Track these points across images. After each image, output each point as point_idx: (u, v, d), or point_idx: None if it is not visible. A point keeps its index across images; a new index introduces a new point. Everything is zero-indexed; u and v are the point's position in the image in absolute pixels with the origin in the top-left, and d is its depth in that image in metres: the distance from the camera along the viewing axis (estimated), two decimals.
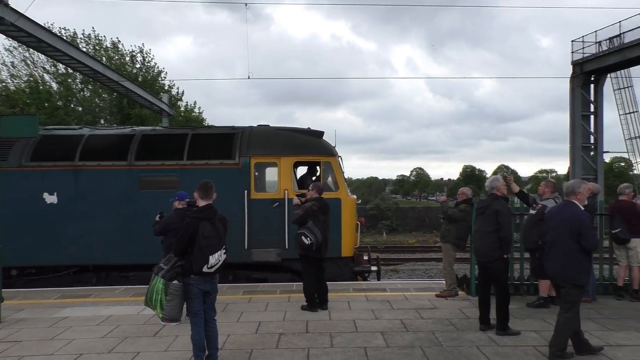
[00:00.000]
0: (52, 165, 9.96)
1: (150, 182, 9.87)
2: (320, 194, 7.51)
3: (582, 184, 5.55)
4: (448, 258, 8.17)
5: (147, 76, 32.25)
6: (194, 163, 9.98)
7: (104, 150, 10.18)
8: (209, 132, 10.70)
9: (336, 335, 6.14)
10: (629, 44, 23.34)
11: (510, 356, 5.41)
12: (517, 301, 7.75)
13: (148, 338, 6.15)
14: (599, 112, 26.61)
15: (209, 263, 4.75)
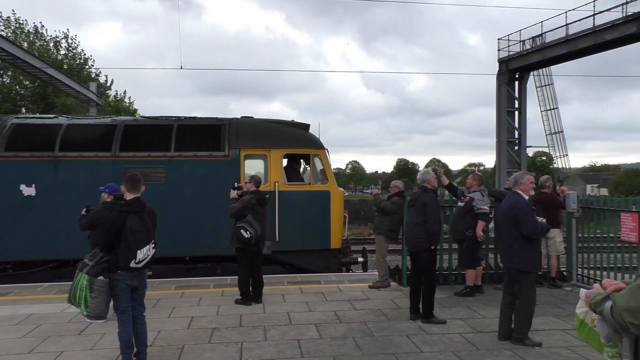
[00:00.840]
0: (29, 155, 9.37)
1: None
2: (257, 187, 7.45)
3: (525, 175, 5.79)
4: (381, 250, 8.35)
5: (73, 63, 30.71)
6: (181, 155, 9.71)
7: (86, 140, 9.69)
8: (195, 123, 10.37)
9: (270, 329, 6.13)
10: (549, 43, 24.67)
11: (438, 344, 5.61)
12: (445, 290, 8.05)
13: (72, 337, 5.88)
14: (522, 108, 27.99)
15: (137, 258, 4.60)
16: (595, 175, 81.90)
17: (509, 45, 27.18)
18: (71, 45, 31.66)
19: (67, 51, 31.45)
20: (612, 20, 20.91)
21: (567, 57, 24.53)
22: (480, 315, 6.70)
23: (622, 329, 1.93)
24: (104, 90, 32.70)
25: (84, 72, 30.61)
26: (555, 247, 8.35)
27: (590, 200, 8.71)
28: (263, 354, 5.28)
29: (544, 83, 30.22)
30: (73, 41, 31.83)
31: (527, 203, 5.67)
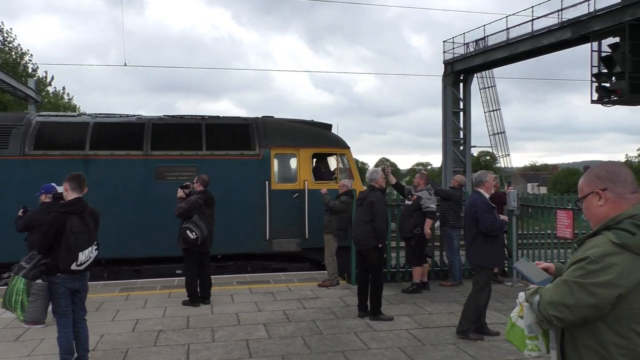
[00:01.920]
0: (59, 154, 9.07)
1: (167, 172, 9.37)
2: (205, 187, 7.34)
3: (488, 174, 5.95)
4: (330, 248, 8.41)
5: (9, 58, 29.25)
6: (213, 153, 9.60)
7: (116, 139, 9.42)
8: (223, 122, 10.23)
9: (218, 329, 6.07)
10: (491, 47, 25.49)
11: (385, 340, 5.71)
12: (393, 287, 8.20)
13: (8, 343, 5.61)
14: (467, 109, 28.80)
15: (79, 260, 4.44)
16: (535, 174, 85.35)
17: (454, 47, 27.92)
18: (7, 39, 30.16)
19: (2, 45, 29.94)
20: (549, 26, 21.84)
21: (508, 60, 25.41)
22: (426, 312, 6.87)
23: (548, 322, 2.02)
24: (43, 87, 31.32)
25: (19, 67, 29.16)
26: None
27: (529, 198, 9.09)
28: (210, 355, 5.22)
29: (486, 85, 31.31)
30: (9, 35, 30.34)
31: (486, 201, 5.77)
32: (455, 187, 8.69)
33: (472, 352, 5.32)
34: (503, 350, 5.36)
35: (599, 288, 1.82)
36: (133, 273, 9.56)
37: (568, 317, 1.89)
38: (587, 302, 1.84)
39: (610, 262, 1.82)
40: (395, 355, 5.22)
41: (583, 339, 1.92)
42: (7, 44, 30.08)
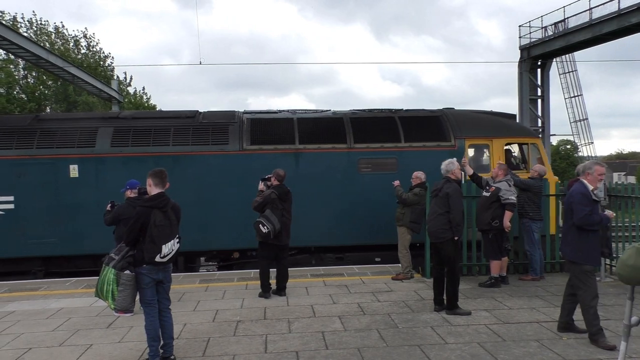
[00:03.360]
0: (273, 148, 9.85)
1: (368, 164, 9.90)
2: (280, 182, 7.43)
3: (595, 165, 5.45)
4: (403, 241, 8.30)
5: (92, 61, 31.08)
6: (411, 145, 10.03)
7: (321, 133, 10.12)
8: (415, 114, 10.71)
9: (294, 321, 6.16)
10: (572, 29, 24.13)
11: (463, 335, 5.56)
12: (469, 281, 7.99)
13: (101, 330, 5.99)
14: (545, 96, 27.49)
15: (162, 252, 4.65)
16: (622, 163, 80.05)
17: (530, 32, 26.68)
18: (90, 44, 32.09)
19: (87, 50, 31.89)
20: (638, 3, 20.34)
21: (591, 42, 23.98)
22: (506, 306, 6.63)
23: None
24: (124, 88, 33.10)
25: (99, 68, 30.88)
26: None
27: (617, 188, 8.52)
28: (287, 346, 5.31)
29: (567, 70, 29.68)
30: (92, 39, 32.26)
31: (585, 192, 5.29)
32: (534, 177, 8.30)
33: (558, 349, 5.07)
34: (592, 349, 5.06)
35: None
36: (336, 260, 10.12)
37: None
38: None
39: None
40: (475, 351, 5.07)
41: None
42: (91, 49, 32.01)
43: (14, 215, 9.21)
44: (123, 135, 9.73)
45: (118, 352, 5.26)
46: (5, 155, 9.34)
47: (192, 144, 9.75)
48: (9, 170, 9.27)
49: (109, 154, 9.52)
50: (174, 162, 9.49)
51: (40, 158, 9.35)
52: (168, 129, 9.88)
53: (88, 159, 9.45)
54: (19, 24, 28.29)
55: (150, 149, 9.63)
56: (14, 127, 9.70)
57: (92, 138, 9.63)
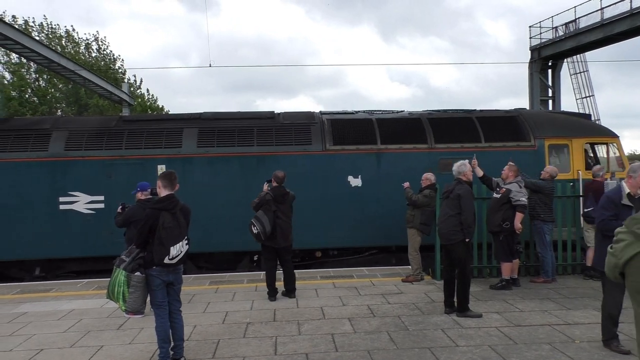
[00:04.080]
0: (355, 149, 9.92)
1: (449, 165, 9.71)
2: (279, 183, 7.39)
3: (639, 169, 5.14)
4: (413, 243, 8.27)
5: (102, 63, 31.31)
6: (491, 145, 10.07)
7: (401, 133, 10.23)
8: (491, 115, 10.80)
9: (304, 323, 6.15)
10: (583, 29, 23.91)
11: (474, 337, 5.52)
12: (480, 283, 7.93)
13: (112, 331, 6.02)
14: (556, 96, 27.27)
15: (170, 254, 4.65)
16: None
17: (541, 32, 26.50)
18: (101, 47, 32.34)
19: (97, 53, 32.14)
20: None
21: (602, 42, 23.73)
22: (517, 309, 6.57)
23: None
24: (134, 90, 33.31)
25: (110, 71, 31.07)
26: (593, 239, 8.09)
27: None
28: (297, 348, 5.30)
29: (578, 70, 29.43)
30: (103, 43, 32.51)
31: (612, 196, 5.10)
32: (546, 178, 8.23)
33: (570, 353, 5.01)
34: (605, 352, 5.00)
35: None
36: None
37: None
38: None
39: None
40: (486, 354, 5.03)
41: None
42: (101, 52, 32.26)
43: (104, 214, 9.38)
44: (208, 136, 9.90)
45: (129, 354, 5.28)
46: (96, 156, 9.54)
47: (275, 144, 9.88)
48: (100, 170, 9.45)
49: (195, 155, 9.69)
50: (258, 162, 9.74)
51: (129, 158, 9.56)
52: (251, 129, 10.03)
53: (175, 159, 9.61)
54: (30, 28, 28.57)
55: (235, 150, 9.78)
56: (103, 128, 9.88)
57: (178, 139, 9.81)
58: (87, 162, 9.48)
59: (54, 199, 9.38)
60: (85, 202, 9.47)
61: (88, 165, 9.50)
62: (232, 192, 9.57)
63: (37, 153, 9.48)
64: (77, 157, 9.51)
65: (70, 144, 9.61)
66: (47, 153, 9.50)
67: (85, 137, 9.71)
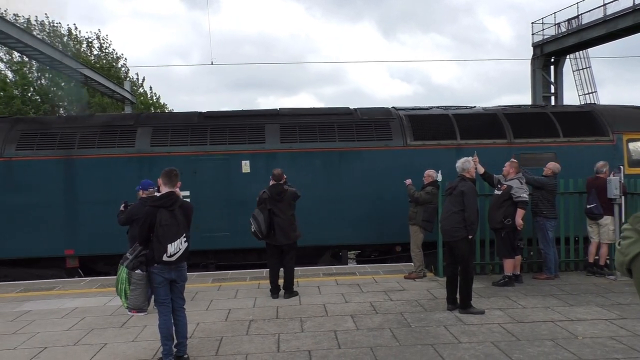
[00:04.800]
0: (436, 144, 9.98)
1: (529, 159, 9.92)
2: (276, 181, 7.35)
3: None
4: (416, 240, 8.27)
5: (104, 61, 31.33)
6: (570, 140, 10.09)
7: (479, 128, 10.28)
8: (566, 110, 10.88)
9: (306, 320, 6.16)
10: (586, 25, 23.83)
11: (477, 334, 5.52)
12: (482, 280, 7.93)
13: (115, 329, 6.04)
14: (559, 93, 27.20)
15: (168, 252, 4.65)
16: None
17: (543, 29, 26.42)
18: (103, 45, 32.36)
19: (99, 51, 32.17)
20: None
21: (605, 38, 23.67)
22: (520, 305, 6.57)
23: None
24: (136, 89, 33.36)
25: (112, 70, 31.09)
26: (608, 235, 8.07)
27: (634, 185, 8.38)
28: (300, 345, 5.31)
29: (581, 66, 29.33)
30: (104, 41, 32.52)
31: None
32: (548, 175, 8.22)
33: (573, 349, 5.01)
34: (608, 348, 5.00)
35: None
36: None
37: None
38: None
39: None
40: (489, 350, 5.03)
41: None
42: (103, 50, 32.28)
43: None
44: (290, 131, 9.98)
45: (132, 351, 5.30)
46: (181, 151, 9.62)
47: (357, 139, 9.93)
48: (185, 166, 9.44)
49: (279, 150, 9.77)
50: (340, 157, 9.80)
51: (213, 154, 9.66)
52: (332, 125, 10.09)
53: (259, 155, 9.73)
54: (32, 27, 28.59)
55: (317, 145, 9.85)
56: (187, 124, 9.97)
57: (261, 134, 9.89)
58: (173, 158, 9.54)
59: None
60: None
61: (173, 161, 9.48)
62: (314, 187, 9.64)
63: (125, 149, 9.58)
64: (162, 153, 9.61)
65: (155, 140, 9.72)
66: (134, 149, 9.60)
67: (170, 133, 9.82)
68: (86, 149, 9.52)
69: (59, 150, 9.47)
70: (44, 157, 9.42)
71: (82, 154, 9.48)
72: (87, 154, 9.49)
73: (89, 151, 9.50)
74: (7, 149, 9.43)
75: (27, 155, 9.41)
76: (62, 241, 9.40)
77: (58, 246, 9.40)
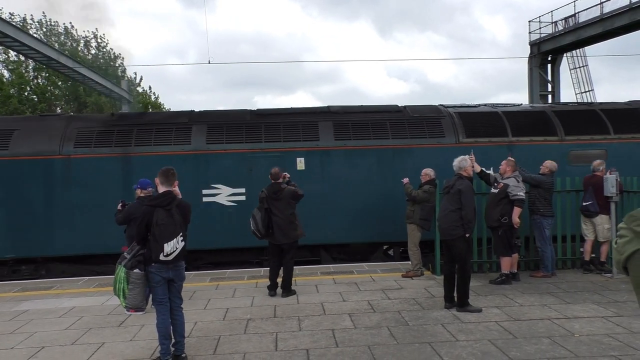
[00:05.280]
0: (487, 141, 10.04)
1: (580, 157, 9.95)
2: (274, 180, 7.35)
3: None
4: (413, 239, 8.29)
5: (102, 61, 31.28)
6: (620, 137, 10.14)
7: (531, 126, 10.33)
8: (611, 107, 10.86)
9: (304, 319, 6.17)
10: (583, 23, 23.89)
11: (474, 332, 5.54)
12: (480, 278, 7.95)
13: (113, 328, 6.04)
14: (556, 91, 27.25)
15: (165, 251, 4.64)
16: None
17: (540, 27, 26.46)
18: (100, 44, 32.29)
19: (97, 50, 32.11)
20: None
21: (602, 37, 23.72)
22: (517, 303, 6.59)
23: None
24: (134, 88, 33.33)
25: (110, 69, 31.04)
26: (603, 234, 8.11)
27: (630, 184, 8.41)
28: (298, 344, 5.32)
29: (577, 65, 29.38)
30: (102, 40, 32.46)
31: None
32: (545, 173, 8.24)
33: (570, 346, 5.03)
34: (605, 346, 5.02)
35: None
36: None
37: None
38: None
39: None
40: (486, 348, 5.05)
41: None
42: (101, 49, 32.22)
43: (245, 206, 9.43)
44: (343, 129, 10.05)
45: (130, 351, 5.30)
46: (236, 149, 9.70)
47: (409, 137, 10.03)
48: (240, 163, 9.58)
49: (333, 147, 9.85)
50: (393, 154, 9.90)
51: (268, 151, 9.76)
52: (384, 122, 10.16)
53: (313, 152, 9.82)
54: (29, 25, 28.52)
55: (370, 142, 9.93)
56: (241, 122, 10.07)
57: (314, 132, 9.99)
58: (228, 155, 9.64)
59: (197, 191, 9.50)
60: (227, 195, 9.64)
61: (229, 158, 9.66)
62: (368, 183, 9.72)
63: (181, 146, 9.66)
64: (219, 150, 9.70)
65: (211, 137, 9.80)
66: (190, 146, 9.68)
67: (225, 131, 9.90)
68: (143, 146, 9.65)
69: (117, 148, 9.60)
70: (102, 154, 9.56)
71: (140, 152, 9.61)
72: (144, 152, 9.60)
73: (145, 149, 9.63)
74: (65, 146, 9.53)
75: (85, 152, 9.54)
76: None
77: (117, 243, 9.48)
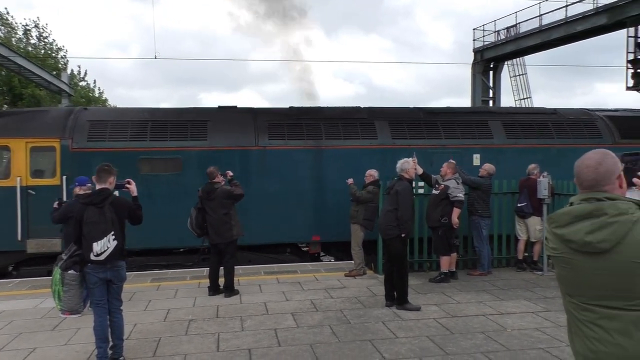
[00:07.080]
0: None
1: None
2: (210, 179, 7.32)
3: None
4: (356, 239, 8.41)
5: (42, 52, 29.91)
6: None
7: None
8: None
9: (247, 319, 6.15)
10: (523, 34, 24.94)
11: (413, 329, 5.69)
12: (420, 277, 8.17)
13: (46, 332, 5.80)
14: (497, 97, 28.28)
15: (94, 250, 4.49)
16: None
17: (484, 35, 27.41)
18: (42, 35, 30.88)
19: (37, 40, 30.67)
20: (584, 12, 21.22)
21: (540, 47, 24.83)
22: (455, 301, 6.82)
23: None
24: (77, 82, 32.06)
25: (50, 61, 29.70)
26: (535, 234, 8.52)
27: (562, 186, 8.86)
28: (240, 344, 5.30)
29: (517, 73, 30.63)
30: (44, 30, 31.03)
31: None
32: (483, 176, 8.57)
33: (502, 340, 5.26)
34: (534, 339, 5.29)
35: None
36: None
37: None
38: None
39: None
40: (424, 344, 5.21)
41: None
42: (42, 39, 30.80)
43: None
44: (513, 129, 10.77)
45: (63, 355, 5.11)
46: (419, 144, 10.07)
47: (571, 137, 10.80)
48: (423, 157, 9.36)
49: (504, 145, 10.53)
50: (557, 153, 10.54)
51: (448, 147, 10.29)
52: (547, 123, 10.97)
53: (488, 149, 10.43)
54: None
55: (537, 141, 10.64)
56: (417, 119, 10.66)
57: (487, 130, 10.67)
58: (412, 150, 9.37)
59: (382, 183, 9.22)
60: None
61: (413, 152, 9.53)
62: None
63: (369, 141, 10.15)
64: (403, 145, 10.06)
65: (395, 133, 10.29)
66: (377, 141, 10.16)
67: (406, 127, 10.45)
68: (332, 139, 10.06)
69: (308, 141, 9.97)
70: (294, 146, 9.93)
71: (329, 145, 10.01)
72: (334, 145, 10.02)
73: (335, 142, 10.05)
74: (260, 138, 9.86)
75: (279, 144, 9.90)
76: (312, 228, 9.90)
77: (307, 233, 9.93)
